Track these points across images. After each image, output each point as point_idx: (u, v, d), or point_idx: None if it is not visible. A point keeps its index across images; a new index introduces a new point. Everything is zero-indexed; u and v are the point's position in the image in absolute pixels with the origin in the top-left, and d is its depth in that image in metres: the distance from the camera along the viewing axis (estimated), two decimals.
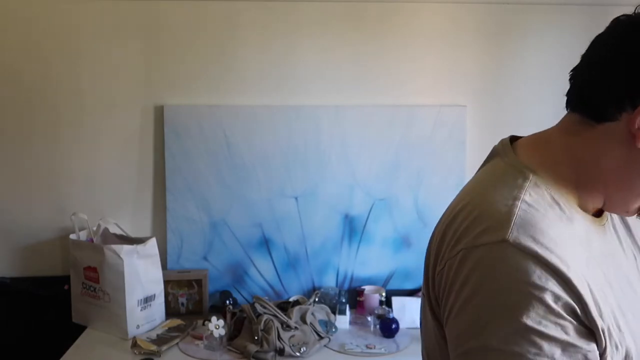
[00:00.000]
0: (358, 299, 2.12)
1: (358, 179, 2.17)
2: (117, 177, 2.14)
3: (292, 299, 2.08)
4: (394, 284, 2.20)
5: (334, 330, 1.91)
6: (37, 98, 2.09)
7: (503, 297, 0.61)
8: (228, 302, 2.03)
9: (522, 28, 2.20)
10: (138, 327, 1.88)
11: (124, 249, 1.85)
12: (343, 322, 1.99)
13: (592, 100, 0.69)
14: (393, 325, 1.91)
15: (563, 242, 0.64)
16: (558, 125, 0.76)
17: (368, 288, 2.13)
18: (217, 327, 1.76)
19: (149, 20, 2.09)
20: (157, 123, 2.13)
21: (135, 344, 1.77)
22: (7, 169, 2.11)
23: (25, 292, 2.08)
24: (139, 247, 1.90)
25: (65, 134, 2.11)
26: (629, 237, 0.80)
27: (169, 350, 1.79)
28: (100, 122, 2.12)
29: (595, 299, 0.63)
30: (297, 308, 1.91)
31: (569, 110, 0.74)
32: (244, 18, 2.10)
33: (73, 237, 1.99)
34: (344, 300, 2.06)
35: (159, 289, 1.98)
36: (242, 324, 1.83)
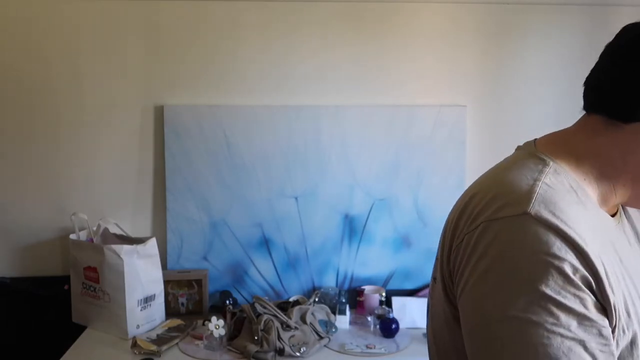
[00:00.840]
0: (358, 299, 2.12)
1: (358, 179, 2.17)
2: (117, 177, 2.14)
3: (292, 299, 2.08)
4: (394, 284, 2.20)
5: (334, 330, 1.91)
6: (37, 98, 2.09)
7: (523, 266, 0.63)
8: (228, 302, 2.03)
9: (522, 28, 2.20)
10: (138, 327, 1.88)
11: (124, 249, 1.85)
12: (343, 322, 1.99)
13: (620, 102, 0.71)
14: (393, 325, 1.91)
15: (580, 222, 0.66)
16: (576, 126, 0.78)
17: (368, 288, 2.13)
18: (217, 327, 1.76)
19: (149, 20, 2.09)
20: (157, 123, 2.13)
21: (135, 344, 1.77)
22: (7, 169, 2.11)
23: (25, 292, 2.08)
24: (139, 247, 1.90)
25: (65, 134, 2.11)
26: (637, 242, 0.82)
27: (169, 350, 1.79)
28: (100, 122, 2.12)
29: (609, 278, 0.64)
30: (297, 308, 1.91)
31: (589, 112, 0.76)
32: (244, 18, 2.11)
33: (73, 237, 2.00)
34: (344, 300, 2.06)
35: (159, 289, 1.98)
36: (242, 324, 1.83)
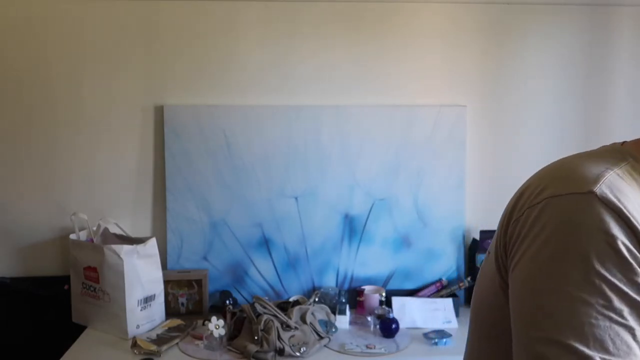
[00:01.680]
0: (358, 299, 2.12)
1: (358, 179, 2.17)
2: (117, 177, 2.14)
3: (292, 299, 2.08)
4: (394, 284, 2.20)
5: (334, 330, 1.91)
6: (37, 98, 2.09)
7: (582, 243, 0.62)
8: (228, 302, 2.02)
9: (522, 28, 2.20)
10: (138, 327, 1.88)
11: (124, 249, 1.85)
12: (343, 322, 1.99)
13: None
14: (393, 325, 1.91)
15: None
16: None
17: (368, 288, 2.13)
18: (217, 327, 1.76)
19: (149, 20, 2.09)
20: (157, 123, 2.13)
21: (135, 344, 1.77)
22: (7, 169, 2.11)
23: (25, 292, 2.08)
24: (139, 247, 1.90)
25: (66, 134, 2.11)
26: None
27: (169, 350, 1.79)
28: (100, 122, 2.12)
29: None
30: (297, 308, 1.91)
31: None
32: (244, 18, 2.11)
33: (73, 237, 1.99)
34: (344, 300, 2.06)
35: (159, 289, 1.97)
36: (242, 324, 1.83)
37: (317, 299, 2.06)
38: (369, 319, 2.00)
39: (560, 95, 2.21)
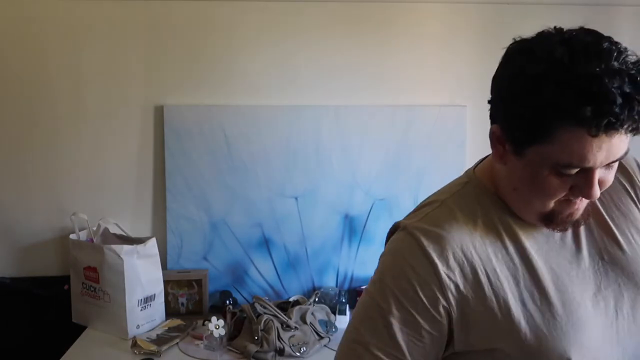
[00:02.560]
0: (358, 299, 2.11)
1: (358, 179, 2.17)
2: (117, 177, 2.14)
3: (292, 299, 2.08)
4: None
5: (334, 330, 1.91)
6: (37, 98, 2.09)
7: None
8: (228, 302, 2.03)
9: (522, 28, 2.17)
10: (138, 327, 1.88)
11: (124, 249, 1.85)
12: (343, 322, 1.99)
13: None
14: None
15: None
16: None
17: None
18: (217, 327, 1.76)
19: (149, 20, 2.09)
20: (157, 123, 2.13)
21: (135, 344, 1.77)
22: (7, 169, 2.11)
23: (25, 292, 2.08)
24: (139, 247, 1.90)
25: (65, 134, 2.11)
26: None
27: (169, 350, 1.79)
28: (100, 122, 2.12)
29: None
30: (297, 308, 1.91)
31: None
32: (245, 18, 2.10)
33: (73, 237, 1.99)
34: (344, 300, 2.06)
35: (159, 289, 1.97)
36: (242, 324, 1.83)
37: (317, 299, 2.06)
38: None
39: None
